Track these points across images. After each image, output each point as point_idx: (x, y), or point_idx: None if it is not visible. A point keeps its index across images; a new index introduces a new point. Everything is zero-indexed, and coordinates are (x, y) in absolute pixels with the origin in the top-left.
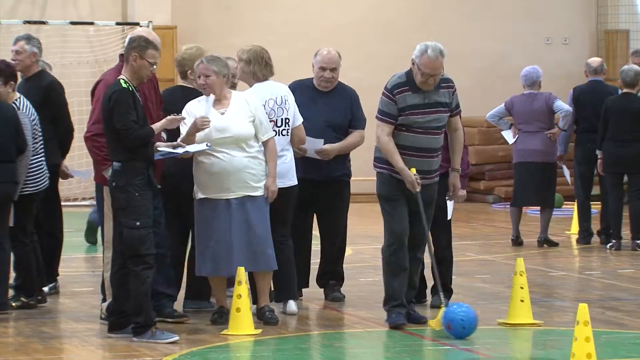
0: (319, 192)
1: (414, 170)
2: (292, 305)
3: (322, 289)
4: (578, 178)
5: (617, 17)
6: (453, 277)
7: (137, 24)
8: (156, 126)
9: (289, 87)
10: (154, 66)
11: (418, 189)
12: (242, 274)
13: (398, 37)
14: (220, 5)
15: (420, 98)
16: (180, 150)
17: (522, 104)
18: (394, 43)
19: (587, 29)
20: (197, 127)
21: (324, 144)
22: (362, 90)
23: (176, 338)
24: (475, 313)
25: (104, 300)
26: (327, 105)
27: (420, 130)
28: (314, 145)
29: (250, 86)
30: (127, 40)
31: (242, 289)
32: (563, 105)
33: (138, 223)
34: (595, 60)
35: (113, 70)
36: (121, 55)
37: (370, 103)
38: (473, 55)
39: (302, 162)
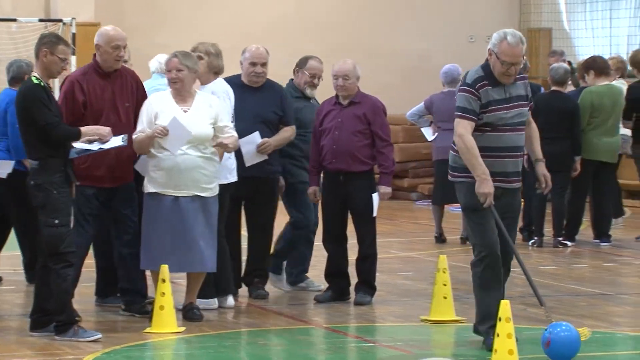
0: (252, 190)
1: None
2: (230, 299)
3: (247, 286)
4: None
5: (540, 15)
6: (377, 274)
7: (60, 20)
8: (84, 130)
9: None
10: (65, 62)
11: (491, 204)
12: (165, 272)
13: (324, 35)
14: (144, 3)
15: (501, 92)
16: (95, 147)
17: (441, 101)
18: (320, 41)
19: (510, 26)
20: (153, 134)
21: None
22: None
23: (99, 336)
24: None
25: None
26: (258, 100)
27: (507, 127)
28: (253, 141)
29: (204, 82)
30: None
31: (165, 286)
32: None
33: (57, 221)
34: None
35: (81, 68)
36: (94, 55)
37: None
38: (398, 54)
39: (239, 159)
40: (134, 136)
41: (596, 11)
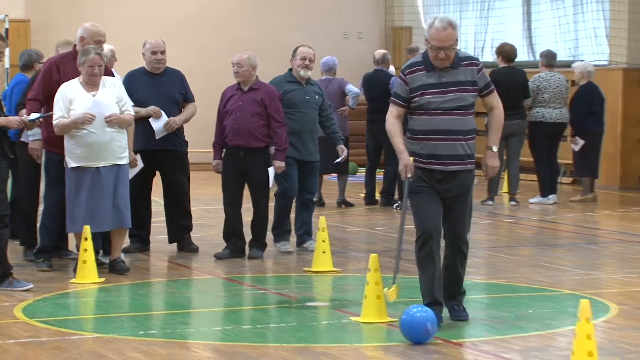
0: (164, 161)
1: (412, 159)
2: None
3: (175, 243)
4: (367, 149)
5: (402, 15)
6: (267, 233)
7: None
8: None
9: (126, 77)
10: (1, 54)
11: (409, 176)
12: (88, 232)
13: (224, 30)
14: (67, 1)
15: (435, 77)
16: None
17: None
18: (221, 34)
19: (378, 25)
20: (81, 121)
21: (168, 117)
22: (195, 75)
23: (30, 286)
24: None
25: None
26: (163, 84)
27: (439, 111)
28: (160, 122)
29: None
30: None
31: (87, 244)
32: (353, 88)
33: None
34: (378, 53)
35: (60, 54)
36: (74, 45)
37: (202, 86)
38: (284, 47)
39: (150, 135)
40: (55, 121)
41: (448, 12)
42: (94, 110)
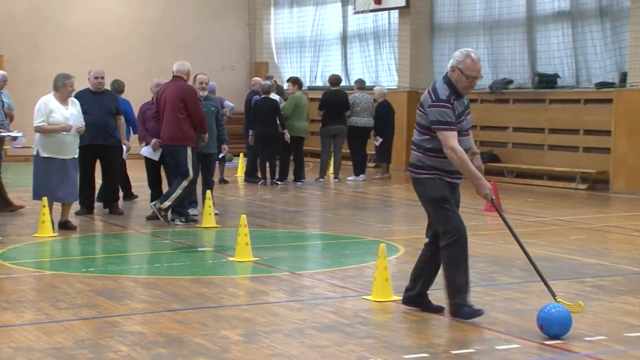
0: (101, 151)
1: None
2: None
3: (108, 209)
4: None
5: (262, 54)
6: None
7: None
8: None
9: (77, 94)
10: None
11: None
12: (45, 201)
13: (141, 63)
14: (32, 40)
15: (463, 103)
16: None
17: None
18: (139, 66)
19: (245, 60)
20: (60, 130)
21: (103, 121)
22: (125, 94)
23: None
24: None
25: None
26: (103, 100)
27: (465, 132)
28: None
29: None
30: None
31: (45, 209)
32: (229, 104)
33: None
34: (253, 79)
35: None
36: (175, 76)
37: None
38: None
39: (94, 133)
40: (39, 124)
41: (292, 53)
42: (71, 121)
